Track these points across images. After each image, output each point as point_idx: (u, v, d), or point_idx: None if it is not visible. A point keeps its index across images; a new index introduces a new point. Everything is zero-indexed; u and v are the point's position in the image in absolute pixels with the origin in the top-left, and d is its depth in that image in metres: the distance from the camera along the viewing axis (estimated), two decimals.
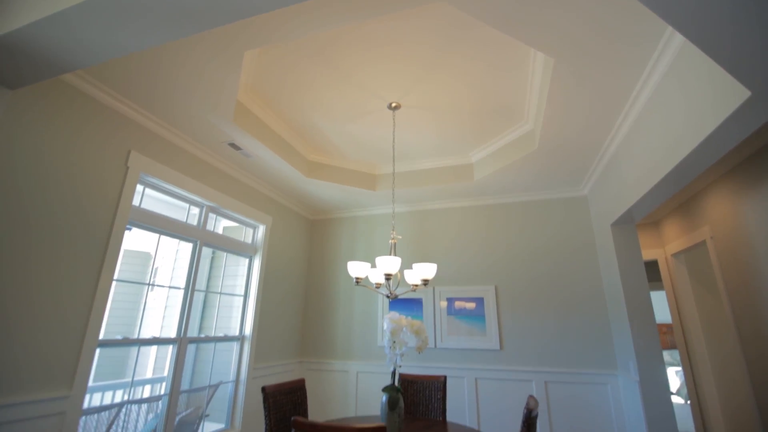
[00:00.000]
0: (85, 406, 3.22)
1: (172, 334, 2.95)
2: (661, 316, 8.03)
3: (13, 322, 1.93)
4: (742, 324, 3.22)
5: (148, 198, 3.12)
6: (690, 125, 1.90)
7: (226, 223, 4.12)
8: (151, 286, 5.03)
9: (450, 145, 3.57)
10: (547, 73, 2.33)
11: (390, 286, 2.55)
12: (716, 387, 3.98)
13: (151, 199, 3.83)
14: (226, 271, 3.98)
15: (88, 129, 2.34)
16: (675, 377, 6.15)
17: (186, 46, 2.07)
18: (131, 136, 2.61)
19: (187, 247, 3.24)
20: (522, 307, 3.78)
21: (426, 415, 2.84)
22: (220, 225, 4.15)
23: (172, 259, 4.85)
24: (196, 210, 3.31)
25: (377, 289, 3.11)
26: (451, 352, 3.86)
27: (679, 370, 6.24)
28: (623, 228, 3.18)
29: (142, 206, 2.75)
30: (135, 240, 5.20)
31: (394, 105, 2.90)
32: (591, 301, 3.58)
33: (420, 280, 2.56)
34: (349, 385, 4.10)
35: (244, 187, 3.72)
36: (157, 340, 2.86)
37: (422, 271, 2.50)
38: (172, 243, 4.78)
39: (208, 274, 4.08)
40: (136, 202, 2.71)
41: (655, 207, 2.69)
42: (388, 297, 2.53)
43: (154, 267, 5.00)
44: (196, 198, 3.17)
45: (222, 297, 3.86)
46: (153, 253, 5.16)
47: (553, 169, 3.45)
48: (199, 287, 3.88)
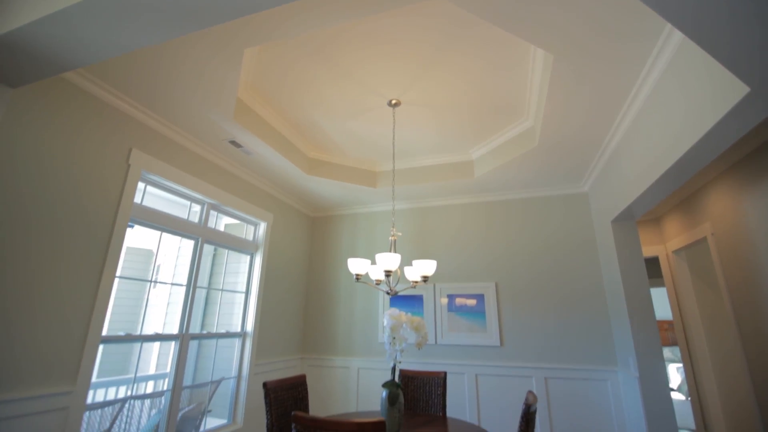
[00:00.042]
0: (89, 401, 3.26)
1: (175, 330, 2.98)
2: (663, 313, 8.03)
3: (16, 319, 1.95)
4: (743, 321, 3.22)
5: (150, 195, 3.14)
6: (689, 122, 1.90)
7: (228, 220, 4.14)
8: (154, 283, 5.07)
9: (450, 142, 3.57)
10: (547, 70, 2.32)
11: (390, 283, 2.56)
12: (717, 384, 3.98)
13: (153, 197, 3.85)
14: (228, 268, 4.00)
15: (89, 127, 2.36)
16: (676, 374, 6.15)
17: (186, 44, 2.08)
18: (132, 133, 2.62)
19: (189, 245, 3.26)
20: (522, 304, 3.79)
21: (426, 411, 2.86)
22: (222, 222, 4.17)
23: (174, 256, 4.88)
24: (197, 207, 3.33)
25: (377, 286, 3.12)
26: (451, 349, 3.88)
27: (680, 366, 6.24)
28: (624, 225, 3.18)
29: (144, 204, 2.77)
30: (137, 237, 5.23)
31: (394, 102, 2.91)
32: (591, 298, 3.59)
33: (420, 277, 2.57)
34: (350, 381, 4.13)
35: (245, 185, 3.74)
36: (160, 337, 2.89)
37: (422, 268, 2.51)
38: (174, 240, 4.81)
39: (210, 271, 4.11)
40: (137, 199, 2.73)
41: (656, 203, 2.70)
42: (388, 293, 2.54)
43: (157, 264, 5.03)
44: (197, 195, 3.18)
45: (224, 294, 3.89)
46: (155, 251, 5.19)
47: (554, 166, 3.45)
48: (201, 284, 3.91)
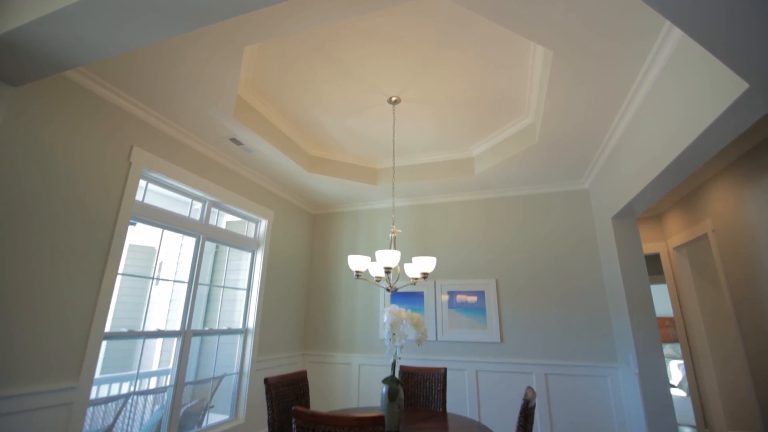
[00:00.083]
0: (92, 397, 3.29)
1: (177, 327, 3.00)
2: (664, 310, 8.02)
3: (18, 317, 1.97)
4: (744, 318, 3.22)
5: (151, 193, 3.16)
6: (689, 118, 1.89)
7: (229, 217, 4.16)
8: (156, 280, 5.09)
9: (450, 139, 3.57)
10: (547, 67, 2.32)
11: (390, 280, 2.57)
12: (717, 380, 3.99)
13: (155, 194, 3.87)
14: (229, 266, 4.03)
15: (90, 125, 2.37)
16: (677, 371, 6.15)
17: (187, 41, 2.09)
18: (133, 131, 2.64)
19: (191, 242, 3.28)
20: (523, 301, 3.80)
21: (426, 407, 2.88)
22: (223, 220, 4.19)
23: (177, 254, 4.91)
24: (198, 205, 3.34)
25: (377, 283, 3.14)
26: (452, 345, 3.90)
27: (681, 363, 6.24)
28: (624, 221, 3.18)
29: (146, 201, 2.79)
30: (140, 235, 5.26)
31: (394, 99, 2.91)
32: (592, 295, 3.59)
33: (420, 274, 2.58)
34: (352, 378, 4.15)
35: (246, 182, 3.75)
36: (162, 333, 2.91)
37: (422, 265, 2.52)
38: (176, 238, 4.83)
39: (211, 269, 4.13)
40: (139, 197, 2.74)
41: (656, 200, 2.70)
42: (388, 290, 2.56)
43: (159, 261, 5.05)
44: (199, 193, 3.20)
45: (225, 291, 3.91)
46: (157, 248, 5.22)
47: (554, 163, 3.45)
48: (202, 281, 3.93)
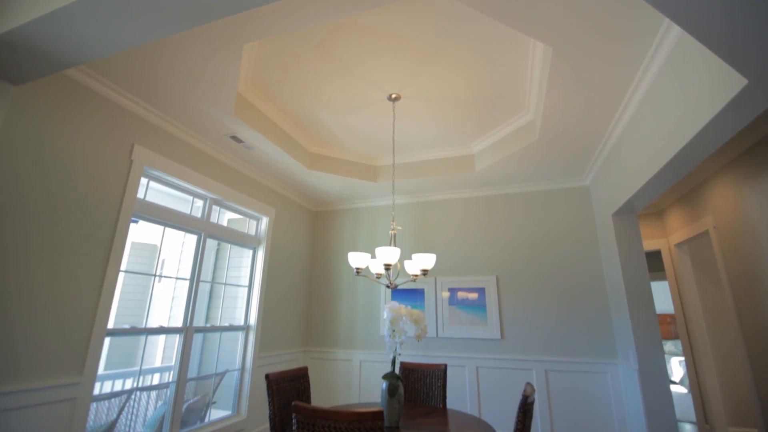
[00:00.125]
0: (96, 392, 3.32)
1: (179, 323, 3.03)
2: (665, 307, 8.01)
3: (22, 314, 1.99)
4: (744, 315, 3.22)
5: (153, 191, 3.18)
6: (688, 115, 1.89)
7: (231, 215, 4.17)
8: (159, 278, 5.13)
9: (451, 136, 3.57)
10: (547, 64, 2.32)
11: (390, 276, 2.58)
12: (718, 377, 3.98)
13: (156, 192, 3.89)
14: (231, 263, 4.05)
15: (91, 123, 2.38)
16: (679, 367, 6.15)
17: (187, 39, 2.09)
18: (134, 129, 2.65)
19: (192, 240, 3.30)
20: (523, 297, 3.81)
21: (427, 403, 2.89)
22: (225, 217, 4.21)
23: (179, 251, 4.93)
24: (199, 202, 3.36)
25: (377, 280, 3.15)
26: (452, 342, 3.91)
27: (683, 360, 6.23)
28: (624, 218, 3.18)
29: (147, 199, 2.80)
30: (142, 232, 5.29)
31: (394, 96, 2.91)
32: (592, 291, 3.60)
33: (419, 271, 2.59)
34: (353, 374, 4.17)
35: (247, 180, 3.76)
36: (164, 330, 2.93)
37: (421, 262, 2.53)
38: (178, 235, 4.86)
39: (213, 266, 4.15)
40: (140, 194, 2.76)
41: (656, 197, 2.69)
42: (388, 287, 2.57)
43: (161, 259, 5.08)
44: (200, 190, 3.21)
45: (227, 288, 3.93)
46: (159, 245, 5.25)
47: (554, 160, 3.44)
48: (204, 278, 3.96)
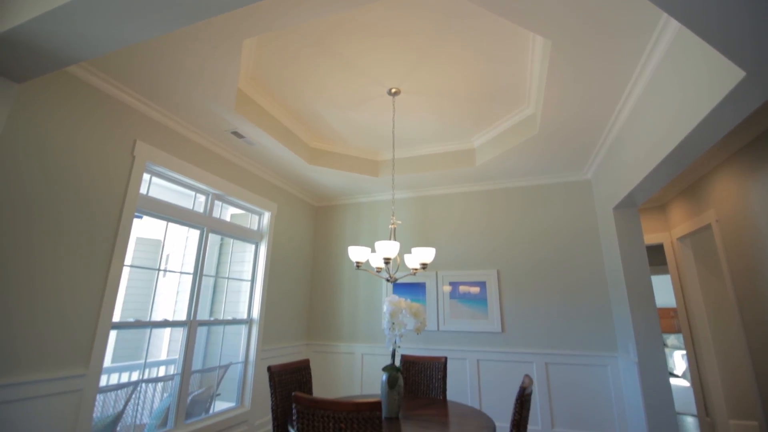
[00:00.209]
0: (102, 384, 3.39)
1: (183, 317, 3.07)
2: (668, 300, 8.00)
3: (28, 307, 2.03)
4: (746, 309, 3.21)
5: (156, 186, 3.21)
6: (687, 108, 1.89)
7: (234, 210, 4.21)
8: (163, 272, 5.19)
9: (451, 131, 3.57)
10: (546, 58, 2.31)
11: (390, 270, 2.61)
12: (719, 371, 3.98)
13: (159, 188, 3.93)
14: (234, 257, 4.09)
15: (92, 119, 2.41)
16: (681, 361, 6.15)
17: (187, 36, 2.11)
18: (136, 125, 2.67)
19: (195, 234, 3.34)
20: (524, 291, 3.82)
21: (427, 395, 2.93)
22: (228, 212, 4.24)
23: (183, 246, 4.98)
24: (202, 198, 3.39)
25: (378, 273, 3.17)
26: (453, 335, 3.94)
27: (685, 353, 6.23)
28: (625, 212, 3.18)
29: (150, 194, 2.83)
30: (147, 228, 5.34)
31: (394, 91, 2.91)
32: (592, 285, 3.60)
33: (419, 264, 2.61)
34: (355, 367, 4.22)
35: (249, 175, 3.79)
36: (168, 323, 2.98)
37: (421, 256, 2.55)
38: (182, 230, 4.90)
39: (217, 260, 4.20)
40: (143, 190, 2.79)
41: (656, 190, 2.69)
42: (388, 281, 2.59)
43: (166, 253, 5.14)
44: (202, 186, 3.24)
45: (230, 282, 3.98)
46: (163, 240, 5.30)
47: (555, 153, 3.44)
48: (208, 272, 4.00)
